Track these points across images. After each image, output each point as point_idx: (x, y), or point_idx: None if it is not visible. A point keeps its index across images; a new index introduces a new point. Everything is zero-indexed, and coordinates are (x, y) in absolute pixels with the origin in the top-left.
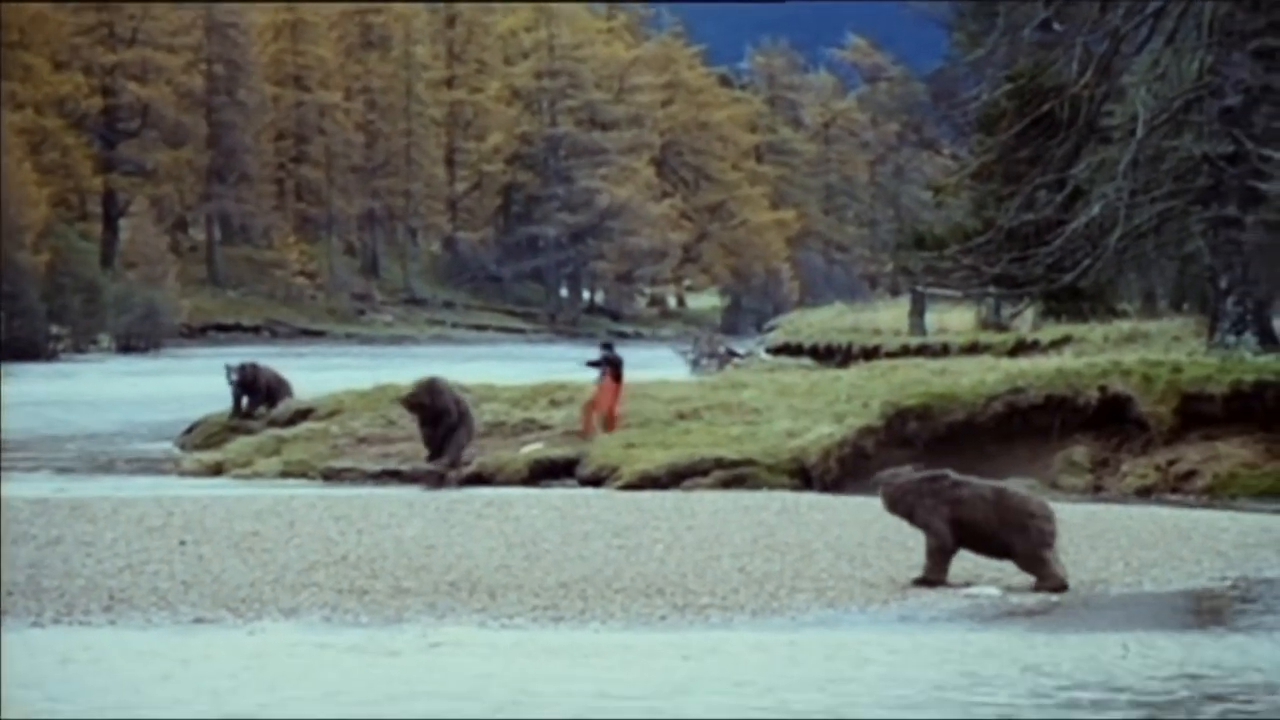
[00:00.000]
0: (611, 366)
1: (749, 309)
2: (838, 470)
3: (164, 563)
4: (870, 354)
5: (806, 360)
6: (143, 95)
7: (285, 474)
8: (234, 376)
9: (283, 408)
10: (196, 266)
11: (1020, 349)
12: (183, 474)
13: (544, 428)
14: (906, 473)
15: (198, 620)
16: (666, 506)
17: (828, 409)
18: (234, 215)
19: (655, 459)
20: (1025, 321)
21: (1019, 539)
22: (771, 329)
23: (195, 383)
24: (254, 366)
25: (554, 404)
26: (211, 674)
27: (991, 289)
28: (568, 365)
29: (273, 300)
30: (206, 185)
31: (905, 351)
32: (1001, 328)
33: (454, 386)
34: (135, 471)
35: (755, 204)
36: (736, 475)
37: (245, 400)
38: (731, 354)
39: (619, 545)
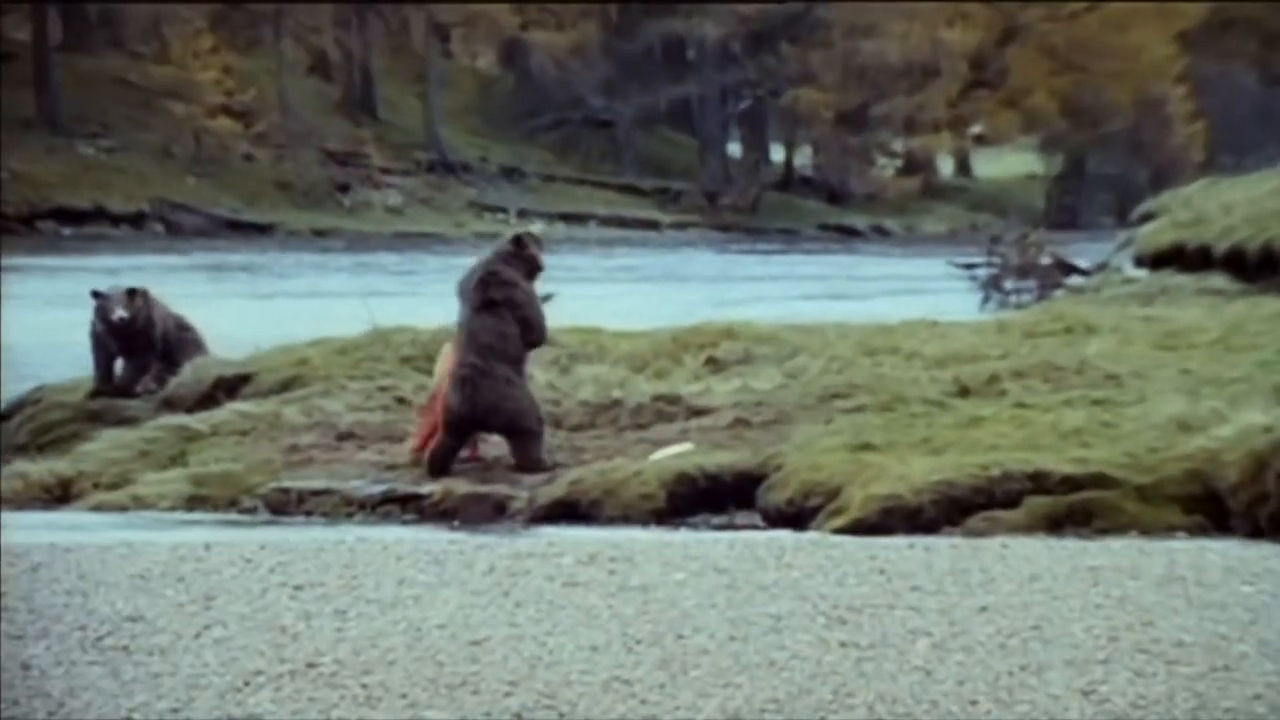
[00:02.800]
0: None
1: (1099, 180)
2: None
3: None
4: None
5: (1217, 279)
6: None
7: (195, 501)
8: (117, 314)
9: (189, 373)
10: None
11: None
12: None
13: (696, 412)
14: None
15: None
16: (935, 568)
17: (1262, 377)
18: None
19: (911, 473)
20: None
21: None
22: (1146, 219)
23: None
24: (142, 296)
25: (713, 365)
26: None
27: None
28: (742, 289)
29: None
30: None
31: None
32: None
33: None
34: None
35: None
36: (1075, 505)
37: (118, 360)
38: (1065, 268)
39: (843, 645)
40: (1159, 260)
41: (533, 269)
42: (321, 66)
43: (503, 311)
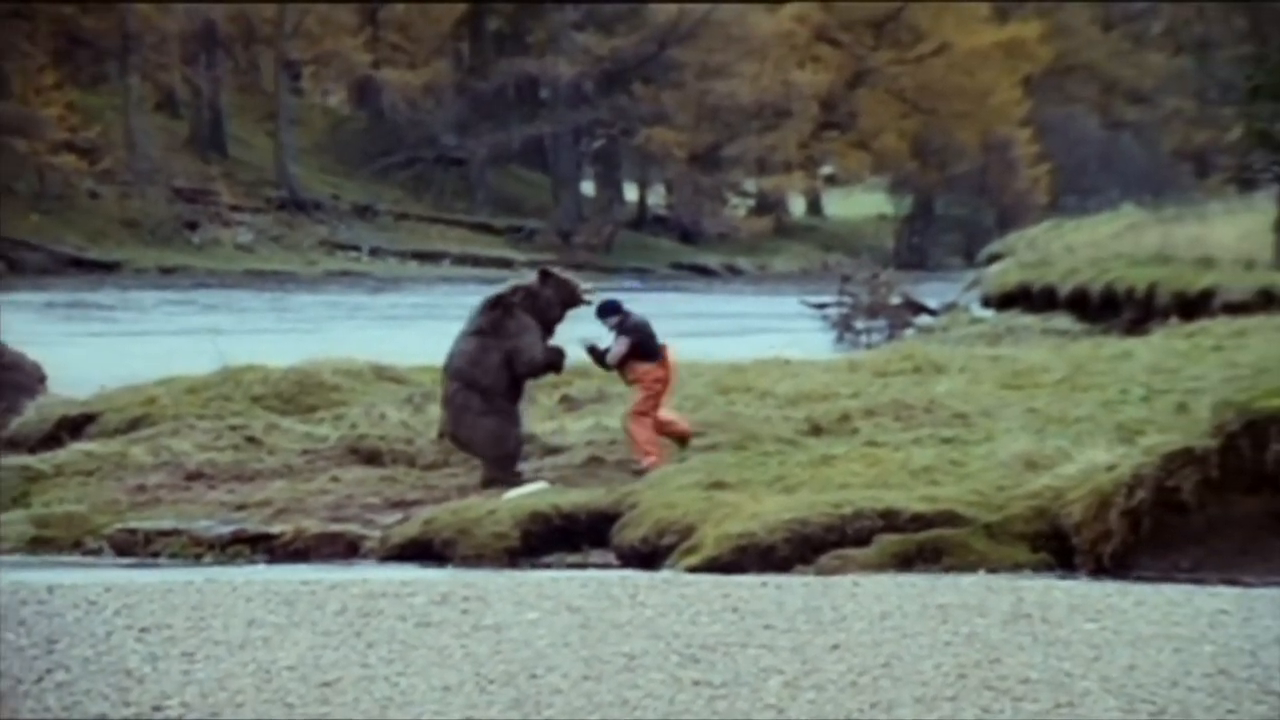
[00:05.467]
0: (632, 339)
1: (947, 220)
2: (1125, 535)
3: None
4: (1191, 307)
5: (1061, 319)
6: None
7: (37, 543)
8: None
9: (33, 413)
10: None
11: None
12: None
13: (551, 450)
14: None
15: None
16: (788, 606)
17: (1105, 416)
18: None
19: (764, 511)
20: None
21: None
22: (993, 259)
23: None
24: None
25: (568, 404)
26: None
27: None
28: (596, 328)
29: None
30: None
31: (1268, 303)
32: None
33: None
34: None
35: (963, 14)
36: (924, 543)
37: None
38: (914, 308)
39: (696, 684)
40: (1005, 300)
41: (549, 304)
42: (169, 103)
43: (488, 340)
